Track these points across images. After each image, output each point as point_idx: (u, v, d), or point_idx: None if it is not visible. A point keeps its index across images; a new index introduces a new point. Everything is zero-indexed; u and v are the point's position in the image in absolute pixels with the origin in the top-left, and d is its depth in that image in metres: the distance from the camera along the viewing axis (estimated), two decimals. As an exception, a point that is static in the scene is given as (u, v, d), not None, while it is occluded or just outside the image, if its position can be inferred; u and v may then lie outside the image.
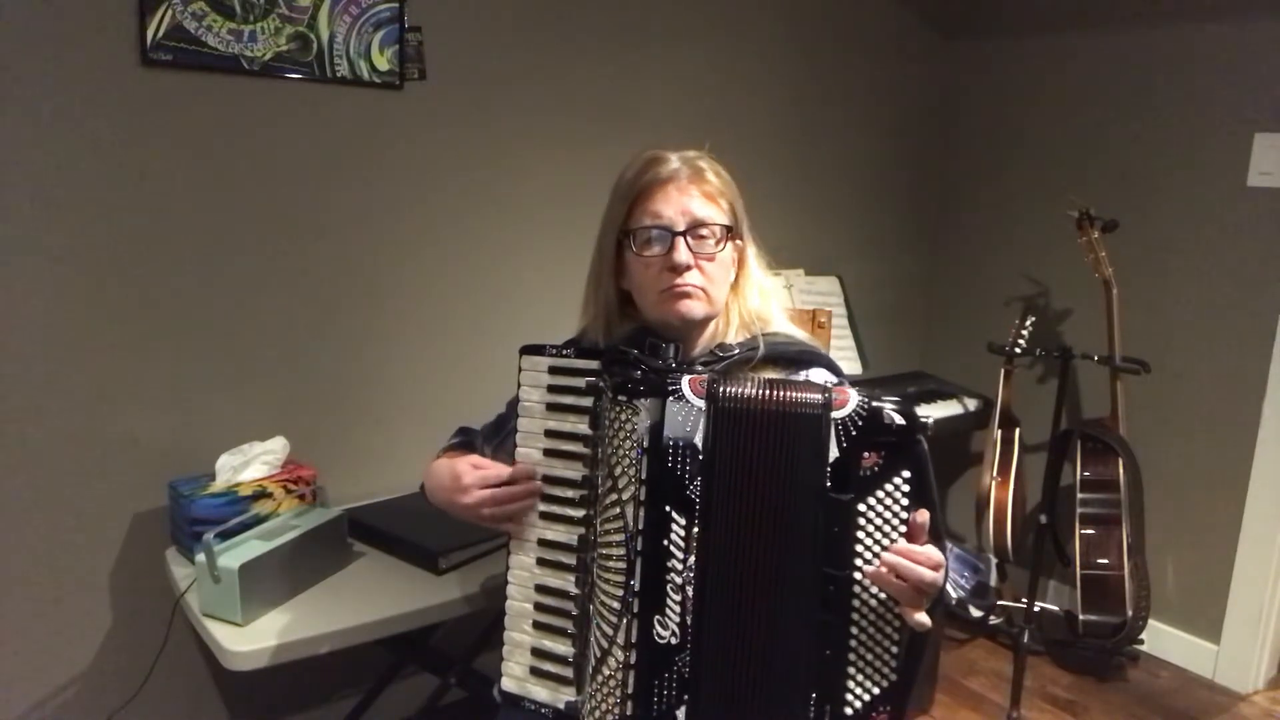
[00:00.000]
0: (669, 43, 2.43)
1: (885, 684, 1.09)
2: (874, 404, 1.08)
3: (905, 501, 1.07)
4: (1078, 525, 2.51)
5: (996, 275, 3.01)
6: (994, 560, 2.76)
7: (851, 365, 2.62)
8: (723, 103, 2.56)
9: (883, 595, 1.08)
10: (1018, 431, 2.70)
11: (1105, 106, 2.70)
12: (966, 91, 3.05)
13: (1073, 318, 2.83)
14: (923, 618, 1.07)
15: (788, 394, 1.10)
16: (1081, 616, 2.49)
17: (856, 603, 1.08)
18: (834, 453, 1.08)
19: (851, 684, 1.09)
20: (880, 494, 1.08)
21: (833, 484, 1.08)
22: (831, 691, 1.09)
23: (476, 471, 1.29)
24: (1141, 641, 2.56)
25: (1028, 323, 2.64)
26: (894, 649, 1.09)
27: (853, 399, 1.09)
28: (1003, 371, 2.67)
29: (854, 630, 1.09)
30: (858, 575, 1.08)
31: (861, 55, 2.86)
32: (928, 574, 1.05)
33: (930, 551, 1.07)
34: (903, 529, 1.08)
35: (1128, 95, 2.65)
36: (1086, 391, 2.77)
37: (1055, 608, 2.68)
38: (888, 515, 1.08)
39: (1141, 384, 2.58)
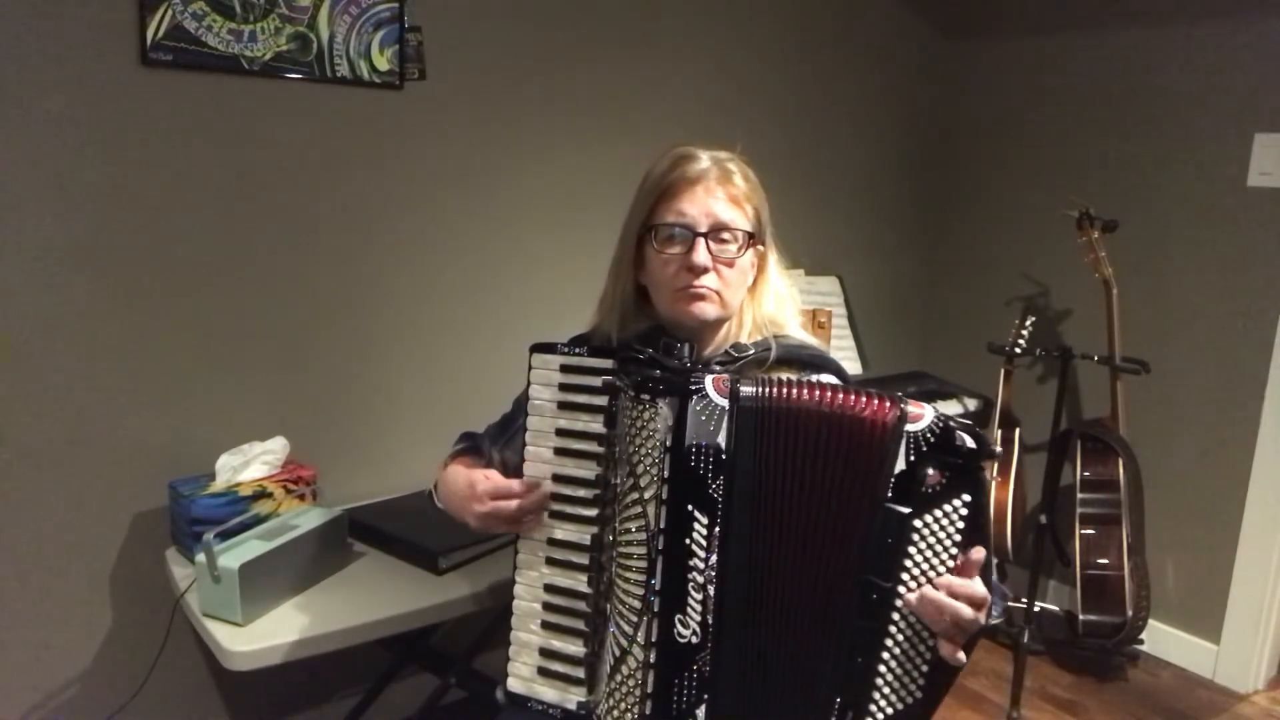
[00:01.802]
0: (669, 43, 2.43)
1: (910, 700, 1.09)
2: (949, 423, 1.08)
3: (961, 524, 1.07)
4: (1078, 525, 2.51)
5: (996, 275, 3.01)
6: (994, 560, 2.76)
7: (852, 365, 2.63)
8: (723, 103, 2.56)
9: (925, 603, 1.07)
10: (1018, 431, 2.70)
11: (1105, 106, 2.70)
12: (966, 91, 3.05)
13: (1073, 318, 2.83)
14: (959, 653, 1.06)
15: (848, 399, 1.10)
16: (1081, 616, 2.49)
17: (895, 616, 1.08)
18: (900, 465, 1.07)
19: (877, 695, 1.09)
20: (938, 513, 1.07)
21: (893, 495, 1.07)
22: (857, 699, 1.09)
23: (490, 482, 1.28)
24: (1141, 641, 2.56)
25: (1028, 323, 2.64)
26: (924, 667, 1.09)
27: (928, 415, 1.08)
28: (1003, 371, 2.68)
29: (889, 643, 1.08)
30: (901, 589, 1.07)
31: (862, 55, 2.86)
32: (967, 612, 1.04)
33: (974, 588, 1.05)
34: (953, 550, 1.07)
35: (1127, 95, 2.65)
36: (1086, 391, 2.78)
37: (1055, 608, 2.69)
38: (941, 535, 1.07)
39: (1141, 384, 2.58)
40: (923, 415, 1.08)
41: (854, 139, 2.91)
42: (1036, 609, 2.47)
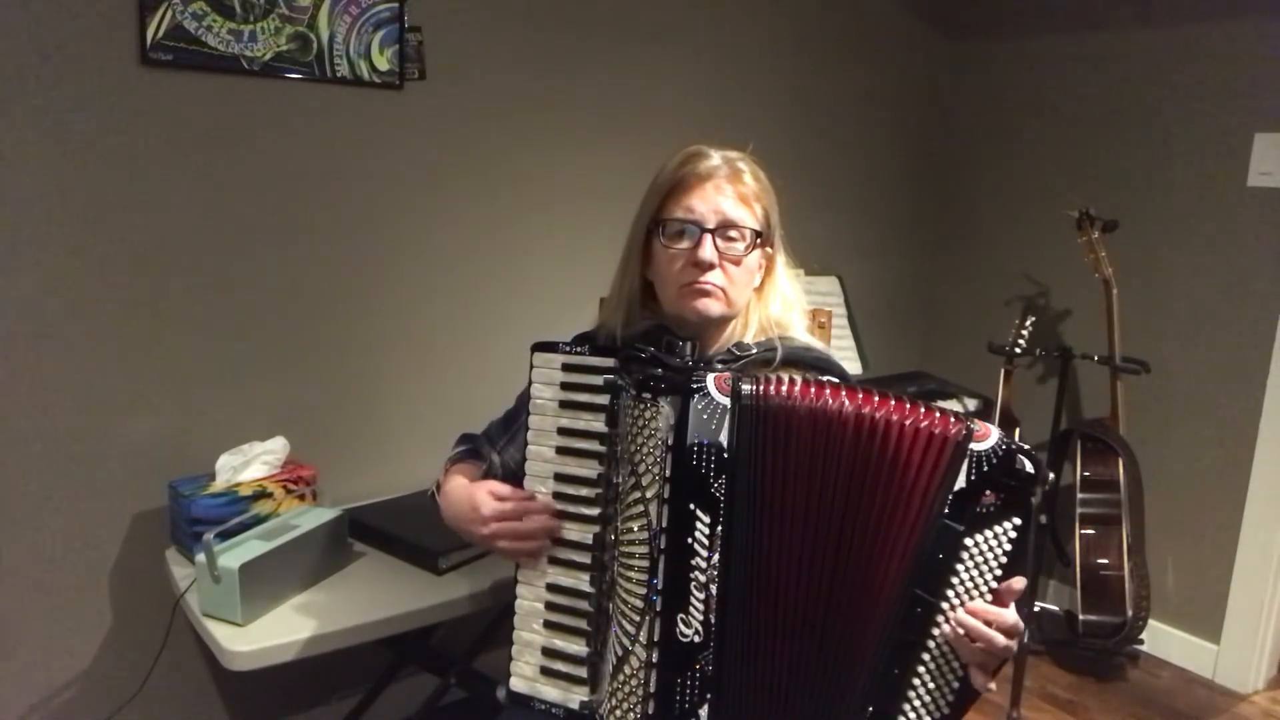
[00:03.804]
0: (669, 42, 2.43)
1: (938, 716, 1.09)
2: (1011, 445, 1.08)
3: (1008, 547, 1.07)
4: (1078, 525, 2.51)
5: (996, 275, 3.01)
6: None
7: (852, 365, 2.62)
8: (724, 103, 2.56)
9: (961, 630, 1.08)
10: (1018, 431, 2.70)
11: (1105, 106, 2.70)
12: (966, 92, 3.06)
13: (1073, 318, 2.83)
14: (990, 683, 1.06)
15: (902, 409, 1.09)
16: (1081, 616, 2.49)
17: (935, 631, 1.08)
18: (960, 482, 1.07)
19: (908, 707, 1.09)
20: (988, 533, 1.07)
21: (950, 512, 1.07)
22: (888, 710, 1.09)
23: (494, 504, 1.28)
24: (1141, 641, 2.56)
25: (1028, 323, 2.64)
26: (955, 684, 1.09)
27: (993, 435, 1.08)
28: (1003, 371, 2.67)
29: (925, 657, 1.08)
30: (944, 605, 1.07)
31: (862, 55, 2.86)
32: (1001, 640, 1.04)
33: (1008, 616, 1.06)
34: (997, 571, 1.07)
35: (1128, 95, 2.65)
36: (1086, 391, 2.78)
37: (1055, 608, 2.69)
38: (989, 556, 1.07)
39: (1141, 384, 2.58)
40: (988, 435, 1.08)
41: (854, 139, 2.91)
42: (1036, 609, 2.47)
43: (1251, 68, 2.40)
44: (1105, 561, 2.49)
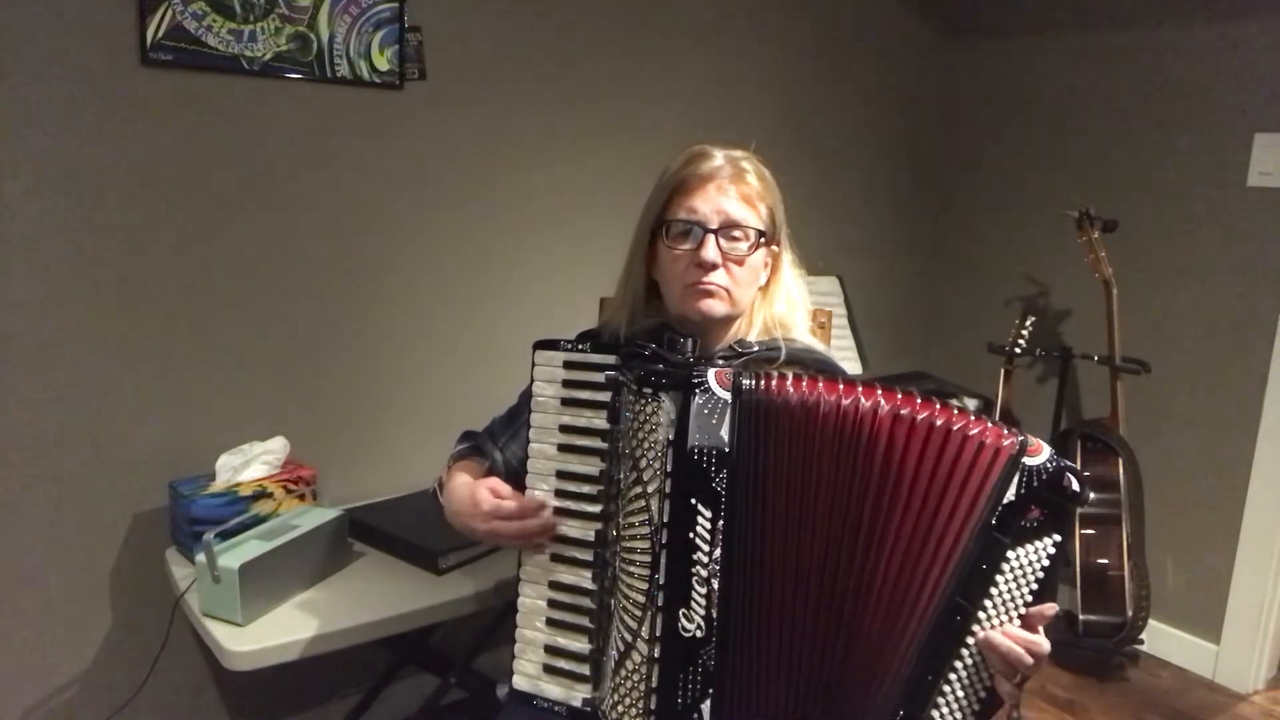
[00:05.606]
0: (668, 42, 2.43)
1: None
2: (1061, 463, 1.08)
3: (1046, 562, 1.08)
4: (1078, 525, 2.51)
5: (996, 275, 3.01)
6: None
7: (852, 365, 2.62)
8: (722, 102, 2.56)
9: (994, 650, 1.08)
10: (1017, 432, 2.69)
11: (1105, 106, 2.70)
12: (966, 91, 3.06)
13: (1073, 318, 2.83)
14: (1014, 690, 1.08)
15: (926, 408, 1.09)
16: (1081, 616, 2.49)
17: (970, 639, 1.08)
18: (1010, 495, 1.07)
19: (936, 714, 1.09)
20: (1030, 548, 1.08)
21: (997, 524, 1.07)
22: (917, 714, 1.09)
23: (494, 500, 1.28)
24: (1141, 641, 2.56)
25: (1028, 323, 2.64)
26: (983, 693, 1.09)
27: (1045, 451, 1.09)
28: (1003, 371, 2.68)
29: (958, 664, 1.09)
30: (981, 615, 1.08)
31: (861, 55, 2.86)
32: (1028, 659, 1.06)
33: (1037, 640, 1.07)
34: (1034, 585, 1.08)
35: (1127, 95, 2.65)
36: (1086, 391, 2.78)
37: (1055, 607, 2.68)
38: (1027, 570, 1.08)
39: (1141, 384, 2.58)
40: (1040, 450, 1.09)
41: (854, 139, 2.91)
42: (1037, 609, 2.47)
43: (1251, 68, 2.40)
44: (1105, 561, 2.49)
